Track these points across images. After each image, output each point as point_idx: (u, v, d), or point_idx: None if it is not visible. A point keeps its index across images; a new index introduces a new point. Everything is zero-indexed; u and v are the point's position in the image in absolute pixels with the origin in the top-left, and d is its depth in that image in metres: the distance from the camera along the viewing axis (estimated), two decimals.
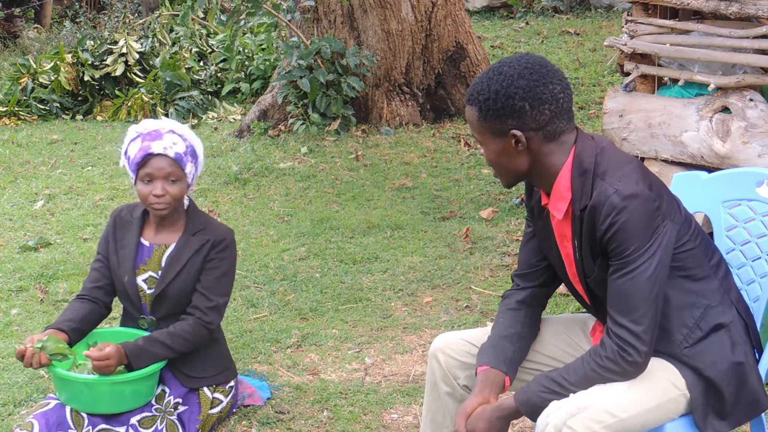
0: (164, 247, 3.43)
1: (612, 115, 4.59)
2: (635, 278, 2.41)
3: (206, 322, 3.38)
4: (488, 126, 2.49)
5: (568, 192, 2.50)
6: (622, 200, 2.39)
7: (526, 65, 2.47)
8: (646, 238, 2.40)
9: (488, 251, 5.18)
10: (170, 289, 3.39)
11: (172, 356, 3.33)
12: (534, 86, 2.44)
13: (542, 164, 2.51)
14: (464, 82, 7.81)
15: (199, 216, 3.48)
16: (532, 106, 2.44)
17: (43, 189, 6.80)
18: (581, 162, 2.49)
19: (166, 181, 3.31)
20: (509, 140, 2.48)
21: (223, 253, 3.42)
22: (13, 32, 13.98)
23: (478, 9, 11.86)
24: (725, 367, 2.52)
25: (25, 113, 9.17)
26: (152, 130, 3.34)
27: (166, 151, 3.29)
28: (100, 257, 3.50)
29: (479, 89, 2.49)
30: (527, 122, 2.46)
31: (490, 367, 2.63)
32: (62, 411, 3.23)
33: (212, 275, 3.40)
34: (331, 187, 6.44)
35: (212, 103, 9.18)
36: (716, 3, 4.15)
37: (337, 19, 7.65)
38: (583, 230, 2.49)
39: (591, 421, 2.38)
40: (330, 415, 3.64)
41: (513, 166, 2.52)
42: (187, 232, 3.42)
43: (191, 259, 3.39)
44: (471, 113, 2.52)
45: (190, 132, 3.43)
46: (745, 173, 2.88)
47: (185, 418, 3.41)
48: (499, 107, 2.45)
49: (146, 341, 3.29)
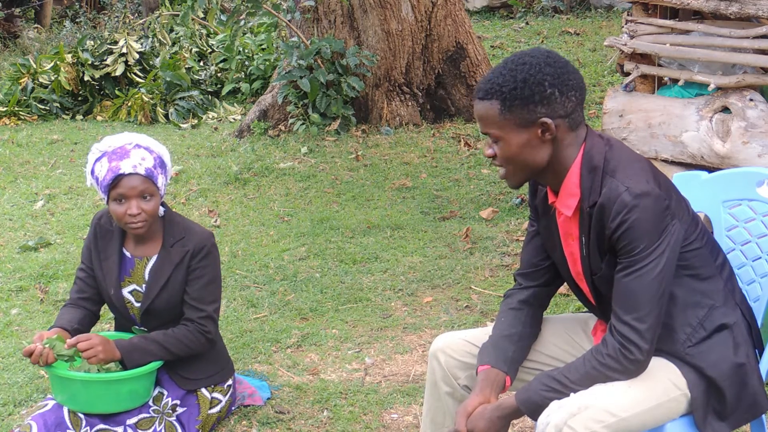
0: (146, 260, 3.38)
1: (612, 115, 4.59)
2: (642, 277, 2.40)
3: (204, 332, 3.36)
4: (513, 118, 2.44)
5: (577, 189, 2.49)
6: (633, 198, 2.39)
7: (547, 55, 2.46)
8: (655, 236, 2.40)
9: (488, 251, 5.18)
10: (157, 303, 3.36)
11: (167, 357, 3.31)
12: (561, 73, 2.43)
13: (558, 157, 2.48)
14: (464, 82, 7.80)
15: (176, 224, 3.40)
16: (561, 92, 2.43)
17: (43, 189, 6.80)
18: (591, 158, 2.48)
19: (139, 199, 3.23)
20: (536, 130, 2.44)
21: (205, 261, 3.36)
22: (13, 32, 13.97)
23: (478, 9, 11.86)
24: (727, 367, 2.52)
25: (25, 113, 9.17)
26: (117, 147, 3.24)
27: (136, 170, 3.20)
28: (84, 267, 3.46)
29: (501, 81, 2.44)
30: (556, 109, 2.43)
31: (491, 367, 2.63)
32: (60, 411, 3.23)
33: (198, 284, 3.35)
34: (331, 187, 6.44)
35: (212, 103, 9.18)
36: (716, 3, 4.15)
37: (337, 19, 7.65)
38: (592, 227, 2.48)
39: (591, 421, 2.38)
40: (330, 415, 3.64)
41: (533, 160, 2.48)
42: (166, 243, 3.36)
43: (174, 272, 3.34)
44: (490, 108, 2.46)
45: (154, 142, 3.32)
46: (745, 173, 2.88)
47: (185, 419, 3.40)
48: (527, 95, 2.41)
49: (140, 339, 3.29)
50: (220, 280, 3.45)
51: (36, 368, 4.03)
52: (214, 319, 3.40)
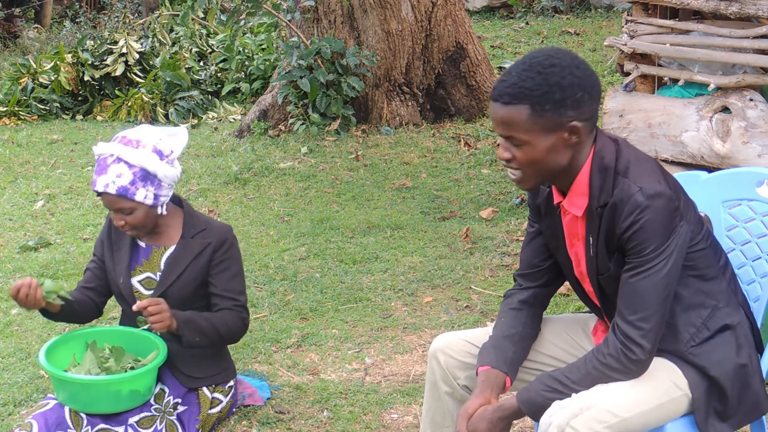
0: (164, 249, 3.42)
1: (612, 115, 4.59)
2: (650, 277, 2.40)
3: (243, 318, 3.41)
4: (543, 122, 2.39)
5: (587, 189, 2.48)
6: (646, 199, 2.38)
7: (572, 56, 2.42)
8: (665, 237, 2.40)
9: (488, 251, 5.18)
10: (170, 291, 3.37)
11: (213, 338, 3.33)
12: (589, 75, 2.41)
13: (574, 159, 2.47)
14: (464, 82, 7.80)
15: (196, 217, 3.45)
16: (590, 95, 2.41)
17: (43, 189, 6.80)
18: (602, 158, 2.47)
19: (120, 213, 3.25)
20: (563, 134, 2.41)
21: (229, 253, 3.41)
22: (13, 32, 13.97)
23: (478, 9, 11.86)
24: (730, 368, 2.52)
25: (25, 113, 9.16)
26: (102, 159, 3.23)
27: (107, 189, 3.19)
28: (95, 259, 3.49)
29: (530, 86, 2.38)
30: (584, 112, 2.41)
31: (491, 368, 2.63)
32: (61, 411, 3.23)
33: (225, 276, 3.40)
34: (331, 187, 6.44)
35: (212, 103, 9.18)
36: (716, 3, 4.15)
37: (337, 19, 7.65)
38: (601, 227, 2.48)
39: (594, 421, 2.38)
40: (330, 415, 3.64)
41: (556, 163, 2.45)
42: (186, 234, 3.40)
43: (192, 263, 3.37)
44: (516, 113, 2.39)
45: (140, 152, 3.21)
46: (745, 173, 2.88)
47: (185, 418, 3.41)
48: (559, 99, 2.37)
49: (193, 313, 3.31)
50: (243, 272, 3.50)
51: (36, 368, 4.03)
52: (248, 309, 3.45)
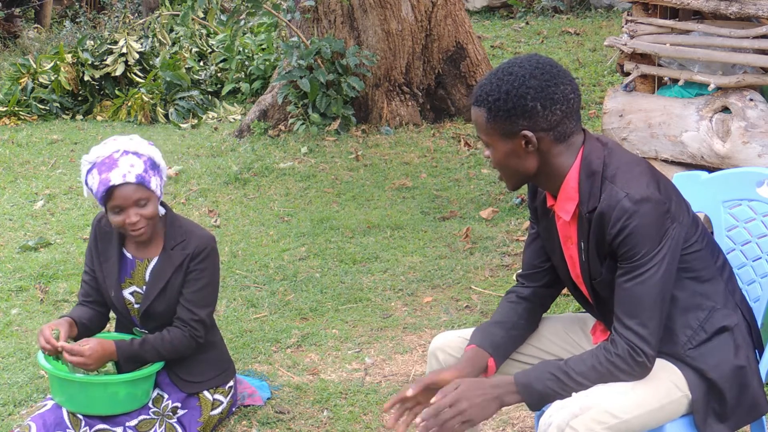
0: (147, 262, 3.37)
1: (612, 115, 4.59)
2: (644, 282, 2.40)
3: (195, 336, 3.36)
4: (497, 127, 2.46)
5: (575, 193, 2.49)
6: (633, 204, 2.38)
7: (536, 65, 2.45)
8: (656, 241, 2.39)
9: (488, 251, 5.18)
10: (155, 305, 3.35)
11: (155, 360, 3.33)
12: (546, 86, 2.42)
13: (550, 166, 2.49)
14: (464, 82, 7.80)
15: (177, 227, 3.37)
16: (543, 106, 2.42)
17: (43, 189, 6.80)
18: (589, 164, 2.47)
19: (136, 206, 3.20)
20: (519, 141, 2.45)
21: (203, 264, 3.33)
22: (13, 32, 13.97)
23: (478, 9, 11.86)
24: (728, 369, 2.52)
25: (25, 113, 9.16)
26: (105, 158, 3.17)
27: (126, 179, 3.15)
28: (88, 270, 3.45)
29: (488, 90, 2.46)
30: (538, 122, 2.43)
31: (476, 347, 2.63)
32: (59, 412, 3.23)
33: (193, 287, 3.34)
34: (331, 187, 6.44)
35: (212, 103, 9.18)
36: (716, 3, 4.15)
37: (337, 19, 7.65)
38: (591, 233, 2.48)
39: (593, 422, 2.38)
40: (330, 415, 3.64)
41: (521, 168, 2.50)
42: (167, 245, 3.34)
43: (174, 275, 3.33)
44: (479, 115, 2.48)
45: (143, 143, 3.25)
46: (745, 173, 2.87)
47: (186, 421, 3.40)
48: (510, 107, 2.42)
49: (141, 346, 3.29)
50: (217, 284, 3.43)
51: (36, 368, 4.03)
52: (205, 323, 3.38)
